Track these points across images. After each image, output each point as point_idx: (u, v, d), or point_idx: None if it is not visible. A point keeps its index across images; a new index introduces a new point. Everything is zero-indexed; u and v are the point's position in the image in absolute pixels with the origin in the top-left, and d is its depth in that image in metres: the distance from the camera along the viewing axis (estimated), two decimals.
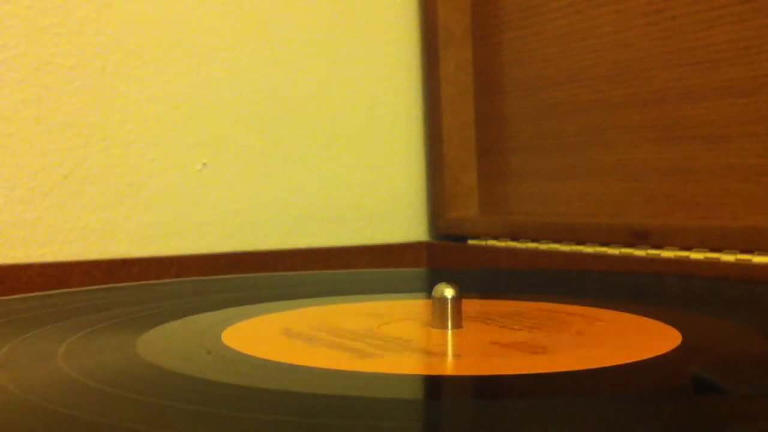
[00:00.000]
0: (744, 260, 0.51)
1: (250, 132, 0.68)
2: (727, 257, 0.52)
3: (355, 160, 0.73)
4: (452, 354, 0.32)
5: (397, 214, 0.75)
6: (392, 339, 0.34)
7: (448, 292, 0.36)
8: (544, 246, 0.65)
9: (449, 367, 0.30)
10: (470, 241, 0.72)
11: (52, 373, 0.28)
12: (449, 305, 0.36)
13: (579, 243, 0.62)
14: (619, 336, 0.34)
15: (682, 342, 0.32)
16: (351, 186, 0.72)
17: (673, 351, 0.31)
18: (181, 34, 0.65)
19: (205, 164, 0.66)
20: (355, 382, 0.27)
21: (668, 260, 0.55)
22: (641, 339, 0.34)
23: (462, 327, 0.36)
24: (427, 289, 0.39)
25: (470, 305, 0.39)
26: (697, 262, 0.54)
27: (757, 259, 0.51)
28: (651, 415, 0.23)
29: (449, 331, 0.36)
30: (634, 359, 0.30)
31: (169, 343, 0.34)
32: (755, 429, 0.21)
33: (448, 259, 0.73)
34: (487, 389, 0.27)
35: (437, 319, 0.36)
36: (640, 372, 0.29)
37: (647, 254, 0.57)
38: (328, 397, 0.25)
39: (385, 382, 0.27)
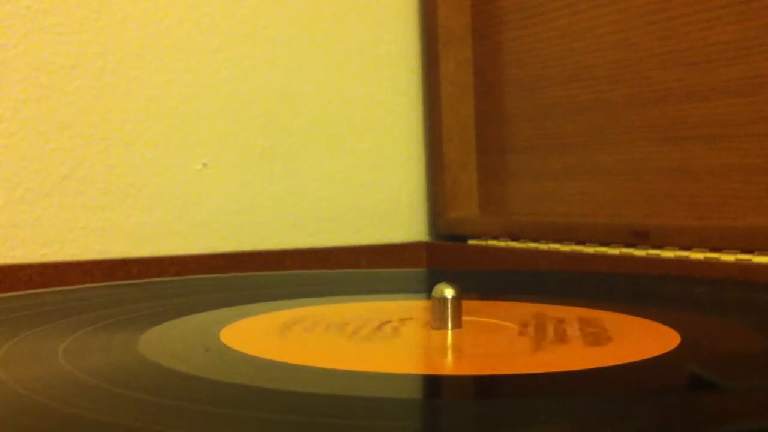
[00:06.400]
0: (744, 260, 0.51)
1: (250, 132, 0.68)
2: (727, 257, 0.52)
3: (355, 160, 0.73)
4: (452, 354, 0.32)
5: (397, 214, 0.75)
6: (392, 339, 0.34)
7: (448, 292, 0.36)
8: (544, 246, 0.65)
9: (449, 367, 0.30)
10: (470, 241, 0.72)
11: (53, 371, 0.28)
12: (449, 305, 0.36)
13: (579, 243, 0.62)
14: (619, 336, 0.34)
15: (681, 342, 0.32)
16: (351, 186, 0.72)
17: (672, 351, 0.31)
18: (181, 34, 0.65)
19: (205, 164, 0.66)
20: (355, 382, 0.27)
21: (668, 260, 0.55)
22: (641, 339, 0.34)
23: (462, 327, 0.36)
24: (427, 289, 0.39)
25: (470, 305, 0.39)
26: (697, 262, 0.54)
27: (757, 259, 0.51)
28: (650, 414, 0.23)
29: (449, 331, 0.36)
30: (633, 359, 0.30)
31: (169, 342, 0.34)
32: (753, 425, 0.21)
33: (448, 259, 0.73)
34: (487, 389, 0.27)
35: (437, 319, 0.36)
36: (640, 372, 0.29)
37: (647, 254, 0.57)
38: (327, 397, 0.25)
39: (385, 382, 0.27)
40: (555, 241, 0.64)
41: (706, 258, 0.53)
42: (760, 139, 0.53)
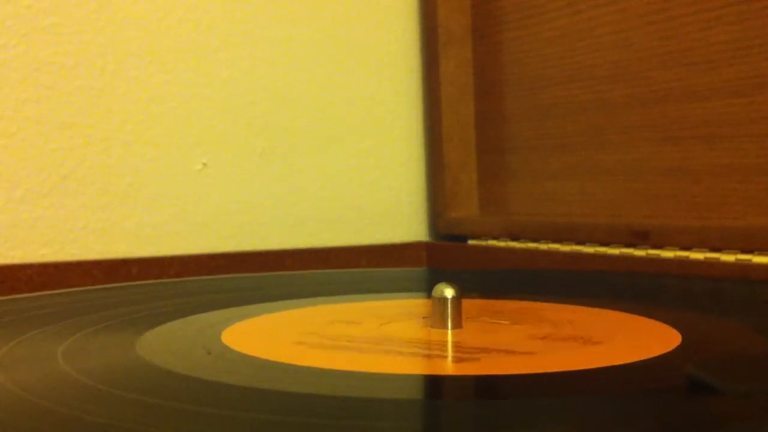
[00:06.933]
0: (744, 260, 0.51)
1: (250, 132, 0.68)
2: (727, 257, 0.52)
3: (355, 161, 0.73)
4: (452, 354, 0.32)
5: (397, 214, 0.75)
6: (392, 339, 0.34)
7: (448, 292, 0.36)
8: (544, 246, 0.65)
9: (449, 367, 0.30)
10: (470, 241, 0.72)
11: (52, 373, 0.28)
12: (449, 305, 0.36)
13: (579, 243, 0.62)
14: (619, 336, 0.34)
15: (682, 342, 0.32)
16: (351, 186, 0.72)
17: (673, 351, 0.31)
18: (181, 34, 0.65)
19: (205, 164, 0.66)
20: (355, 382, 0.27)
21: (668, 260, 0.55)
22: (641, 339, 0.34)
23: (462, 327, 0.36)
24: (427, 289, 0.39)
25: (470, 305, 0.39)
26: (697, 262, 0.54)
27: (757, 259, 0.51)
28: (650, 415, 0.23)
29: (449, 331, 0.36)
30: (634, 359, 0.30)
31: (169, 343, 0.34)
32: (752, 428, 0.21)
33: (448, 259, 0.73)
34: (487, 389, 0.27)
35: (437, 319, 0.36)
36: (640, 372, 0.29)
37: (647, 254, 0.57)
38: (328, 397, 0.25)
39: (385, 382, 0.27)
40: (555, 241, 0.64)
41: (706, 258, 0.53)
42: (760, 139, 0.53)
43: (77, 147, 0.62)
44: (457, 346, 0.33)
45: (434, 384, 0.28)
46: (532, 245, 0.66)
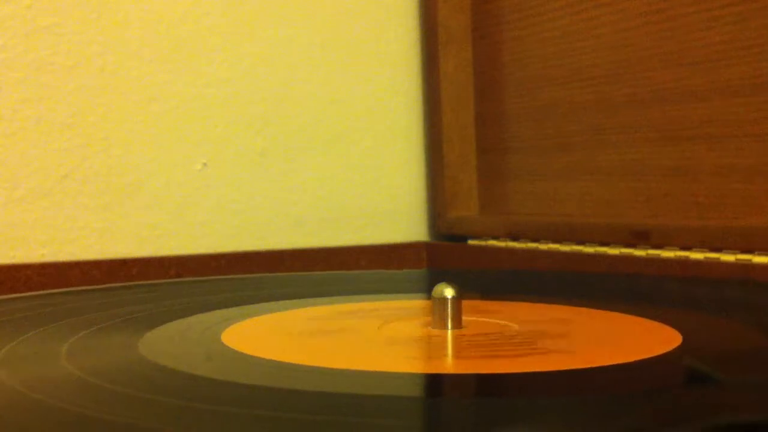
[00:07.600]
0: (744, 260, 0.51)
1: (250, 132, 0.68)
2: (727, 257, 0.52)
3: (355, 160, 0.73)
4: (452, 354, 0.32)
5: (397, 214, 0.75)
6: (392, 339, 0.34)
7: (448, 292, 0.36)
8: (544, 246, 0.65)
9: (449, 366, 0.30)
10: (470, 241, 0.72)
11: (55, 371, 0.28)
12: (449, 305, 0.36)
13: (579, 243, 0.62)
14: (620, 336, 0.34)
15: (683, 342, 0.33)
16: (351, 186, 0.72)
17: (673, 351, 0.31)
18: (181, 34, 0.65)
19: (205, 164, 0.66)
20: (355, 382, 0.27)
21: (668, 260, 0.55)
22: (641, 339, 0.34)
23: (462, 327, 0.36)
24: (427, 289, 0.39)
25: (470, 305, 0.39)
26: (697, 262, 0.54)
27: (757, 259, 0.51)
28: (650, 414, 0.23)
29: (449, 331, 0.36)
30: (634, 359, 0.30)
31: (170, 343, 0.34)
32: (750, 420, 0.21)
33: (448, 259, 0.73)
34: (487, 388, 0.27)
35: (437, 319, 0.36)
36: (641, 372, 0.29)
37: (647, 254, 0.57)
38: (328, 397, 0.25)
39: (385, 382, 0.27)
40: (555, 241, 0.64)
41: (706, 258, 0.53)
42: (760, 139, 0.53)
43: (77, 147, 0.62)
44: (457, 346, 0.33)
45: (434, 383, 0.28)
46: (532, 245, 0.66)
